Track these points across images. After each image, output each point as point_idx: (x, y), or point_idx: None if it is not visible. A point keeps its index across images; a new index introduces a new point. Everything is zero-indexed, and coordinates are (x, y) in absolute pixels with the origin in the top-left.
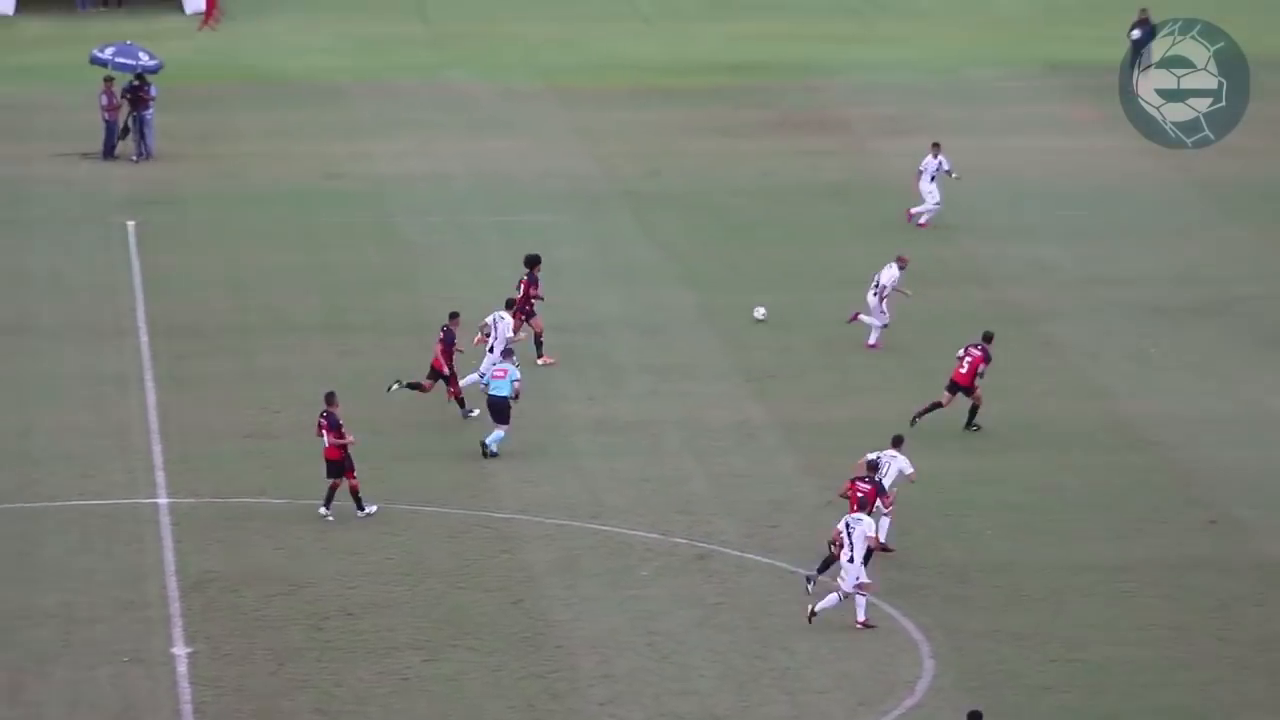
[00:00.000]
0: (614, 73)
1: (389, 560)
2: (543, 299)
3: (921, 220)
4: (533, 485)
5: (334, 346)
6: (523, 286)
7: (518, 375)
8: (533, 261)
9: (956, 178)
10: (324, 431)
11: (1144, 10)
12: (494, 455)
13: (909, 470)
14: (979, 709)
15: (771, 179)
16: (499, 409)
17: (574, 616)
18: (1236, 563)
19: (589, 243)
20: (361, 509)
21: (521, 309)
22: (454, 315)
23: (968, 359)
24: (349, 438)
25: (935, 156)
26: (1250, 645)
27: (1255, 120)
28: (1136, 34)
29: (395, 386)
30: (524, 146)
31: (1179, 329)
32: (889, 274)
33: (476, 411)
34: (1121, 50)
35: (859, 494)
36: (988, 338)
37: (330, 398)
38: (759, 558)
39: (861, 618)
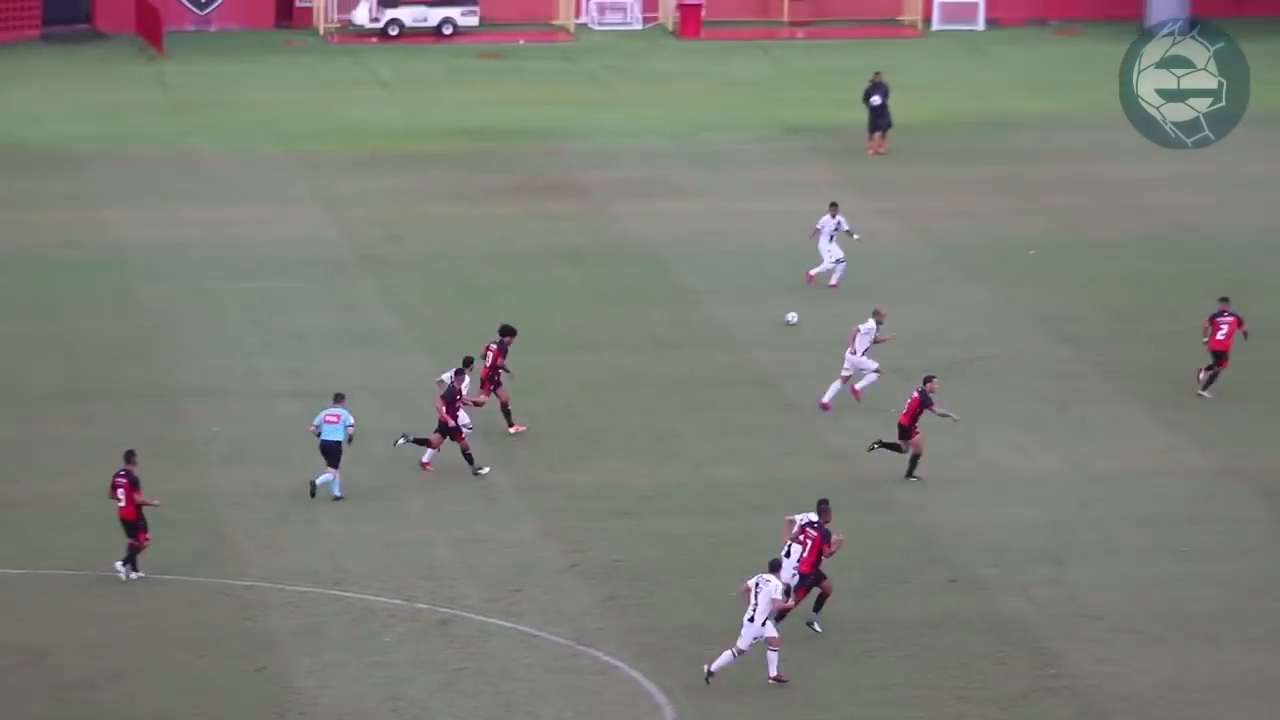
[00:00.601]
0: (354, 139)
1: (131, 630)
2: (509, 371)
3: (831, 281)
4: (275, 552)
5: (71, 416)
6: (492, 355)
7: (351, 420)
8: (506, 331)
9: (857, 238)
10: (121, 491)
11: (877, 73)
12: (320, 495)
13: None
14: None
15: (510, 243)
16: (331, 453)
17: (318, 684)
18: (977, 621)
19: (330, 309)
20: (136, 570)
21: (490, 378)
22: (459, 372)
23: (907, 402)
24: (149, 500)
25: (833, 216)
26: (992, 703)
27: (994, 181)
28: (876, 99)
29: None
30: (265, 213)
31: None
32: (867, 329)
33: (487, 469)
34: (857, 113)
35: (806, 539)
36: (927, 380)
37: (129, 456)
38: (502, 622)
39: (774, 672)
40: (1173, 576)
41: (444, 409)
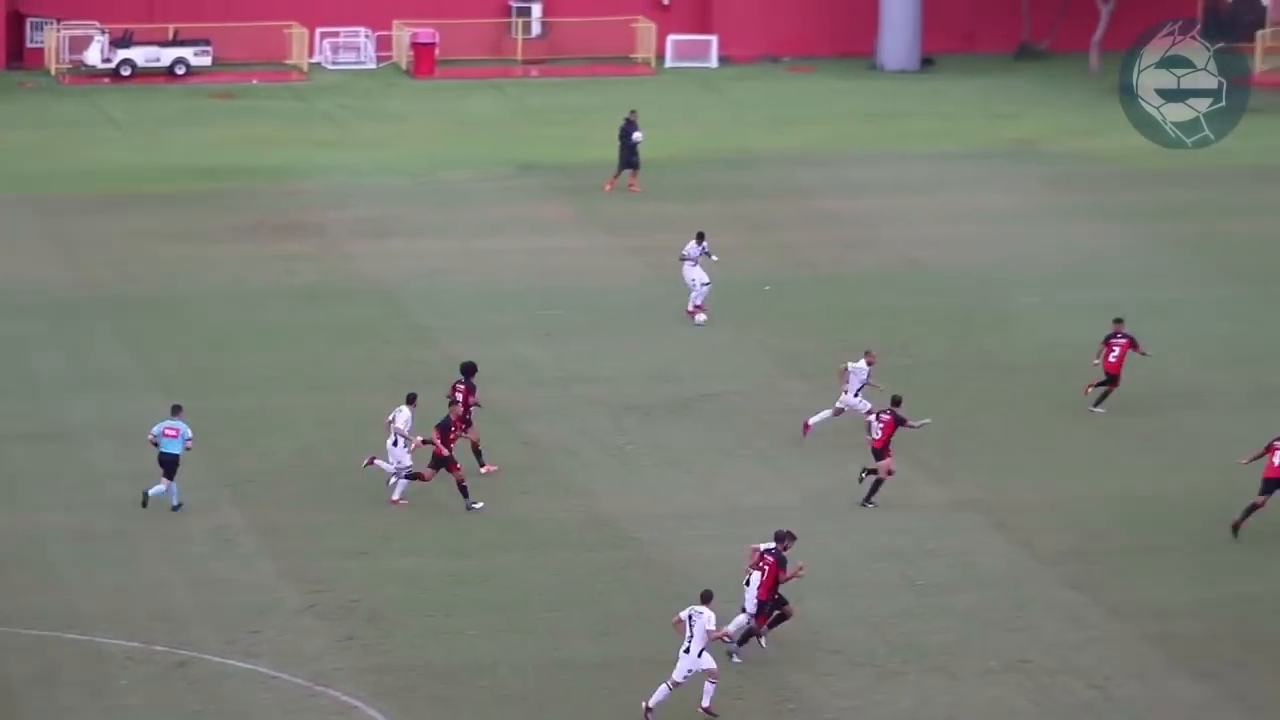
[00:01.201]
0: (87, 179)
1: None
2: (480, 406)
3: (698, 302)
4: (7, 596)
5: None
6: (463, 395)
7: (189, 434)
8: (471, 370)
9: (715, 260)
10: None
11: (633, 111)
12: (153, 503)
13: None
14: None
15: (246, 283)
16: (168, 464)
17: None
18: (715, 658)
19: (63, 351)
20: None
21: (462, 418)
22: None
23: (879, 424)
24: None
25: (700, 243)
26: None
27: (728, 217)
28: (639, 135)
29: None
30: None
31: (655, 426)
32: (856, 368)
33: (480, 504)
34: (592, 151)
35: (764, 565)
36: (896, 401)
37: None
38: (240, 663)
39: (706, 703)
40: (910, 610)
41: (438, 440)
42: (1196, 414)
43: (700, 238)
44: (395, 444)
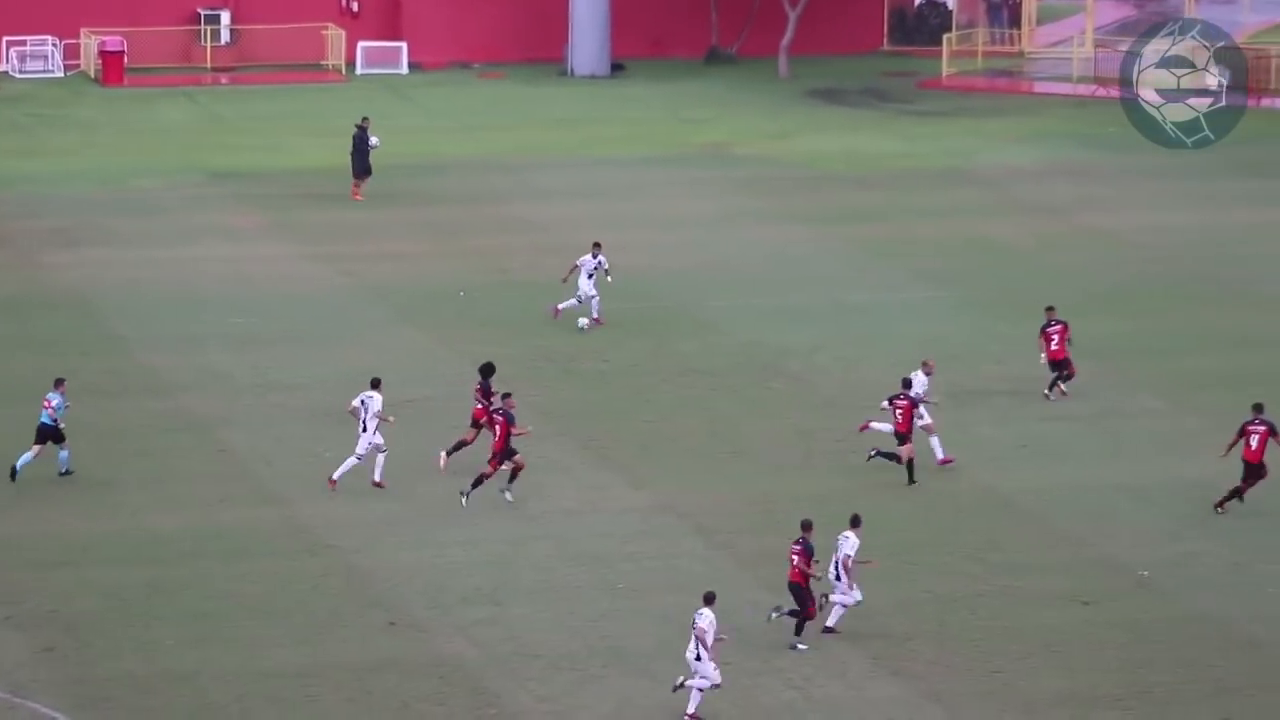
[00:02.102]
0: None
1: None
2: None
3: (594, 315)
4: None
5: None
6: (479, 394)
7: (60, 403)
8: (487, 371)
9: (610, 280)
10: None
11: (365, 118)
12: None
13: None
14: None
15: None
16: (46, 433)
17: None
18: (417, 663)
19: None
20: None
21: (490, 416)
22: (507, 395)
23: (897, 410)
24: None
25: (595, 256)
26: None
27: (422, 224)
28: (375, 141)
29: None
30: None
31: (353, 433)
32: (919, 381)
33: (509, 495)
34: (283, 158)
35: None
36: (907, 384)
37: None
38: None
39: (691, 709)
40: (610, 613)
41: (500, 431)
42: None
43: (596, 248)
44: (364, 429)
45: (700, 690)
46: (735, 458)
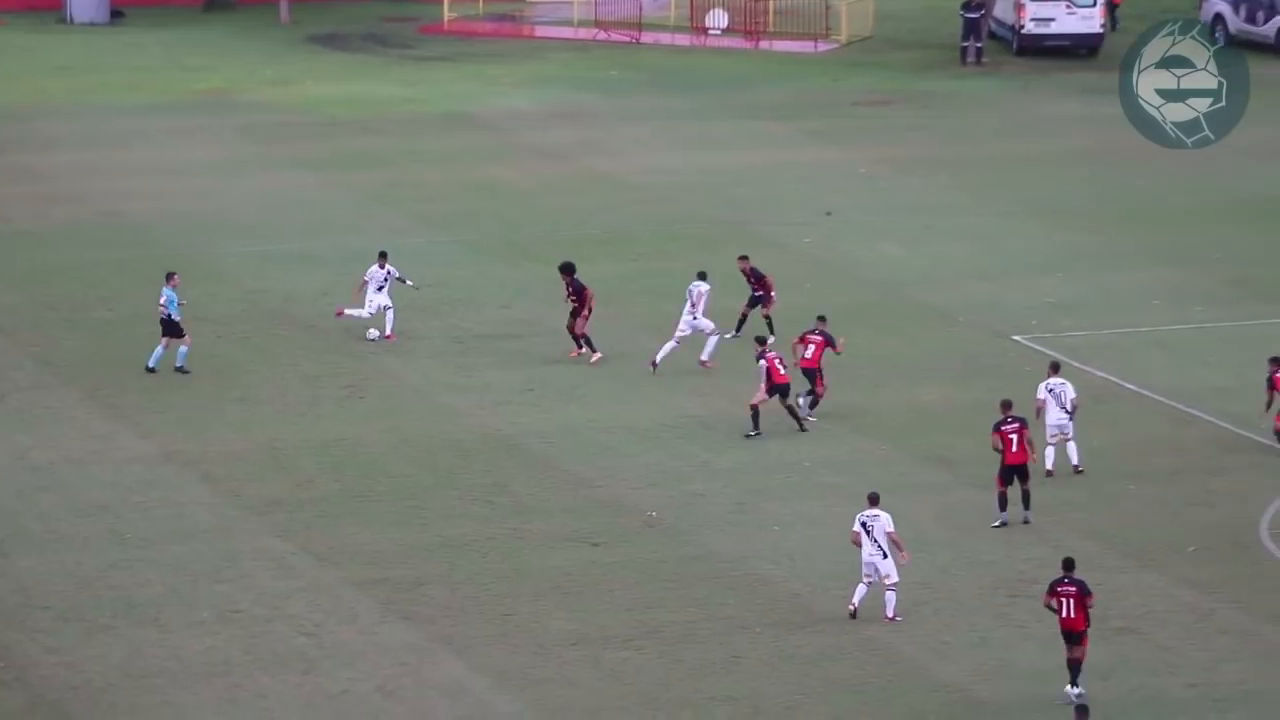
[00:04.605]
0: None
1: None
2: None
3: (387, 332)
4: None
5: None
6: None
7: (171, 298)
8: (568, 269)
9: (411, 284)
10: None
11: None
12: None
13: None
14: None
15: None
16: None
17: None
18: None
19: None
20: None
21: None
22: (822, 318)
23: (810, 347)
24: None
25: (383, 267)
26: None
27: None
28: None
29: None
30: None
31: None
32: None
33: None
34: None
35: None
36: (822, 319)
37: None
38: None
39: (890, 612)
40: (118, 563)
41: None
42: (398, 360)
43: (383, 259)
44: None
45: (895, 589)
46: (242, 405)
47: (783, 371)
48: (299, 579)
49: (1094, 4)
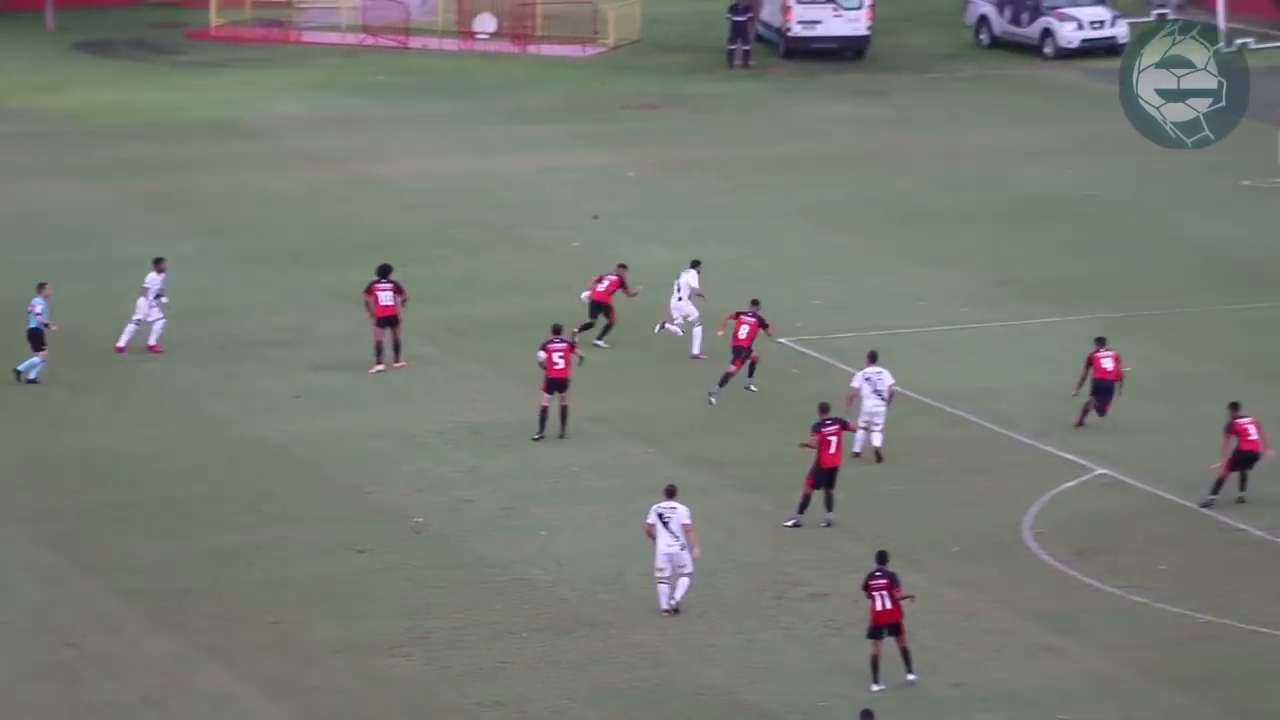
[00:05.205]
0: None
1: None
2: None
3: (151, 341)
4: None
5: None
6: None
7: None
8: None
9: (165, 300)
10: None
11: None
12: None
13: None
14: None
15: None
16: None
17: None
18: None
19: None
20: None
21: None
22: (755, 301)
23: (745, 327)
24: None
25: (160, 273)
26: None
27: None
28: None
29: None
30: None
31: None
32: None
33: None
34: None
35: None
36: (755, 302)
37: None
38: None
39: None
40: None
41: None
42: (161, 367)
43: (158, 264)
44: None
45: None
46: (4, 415)
47: (558, 367)
48: (63, 589)
49: (860, 6)
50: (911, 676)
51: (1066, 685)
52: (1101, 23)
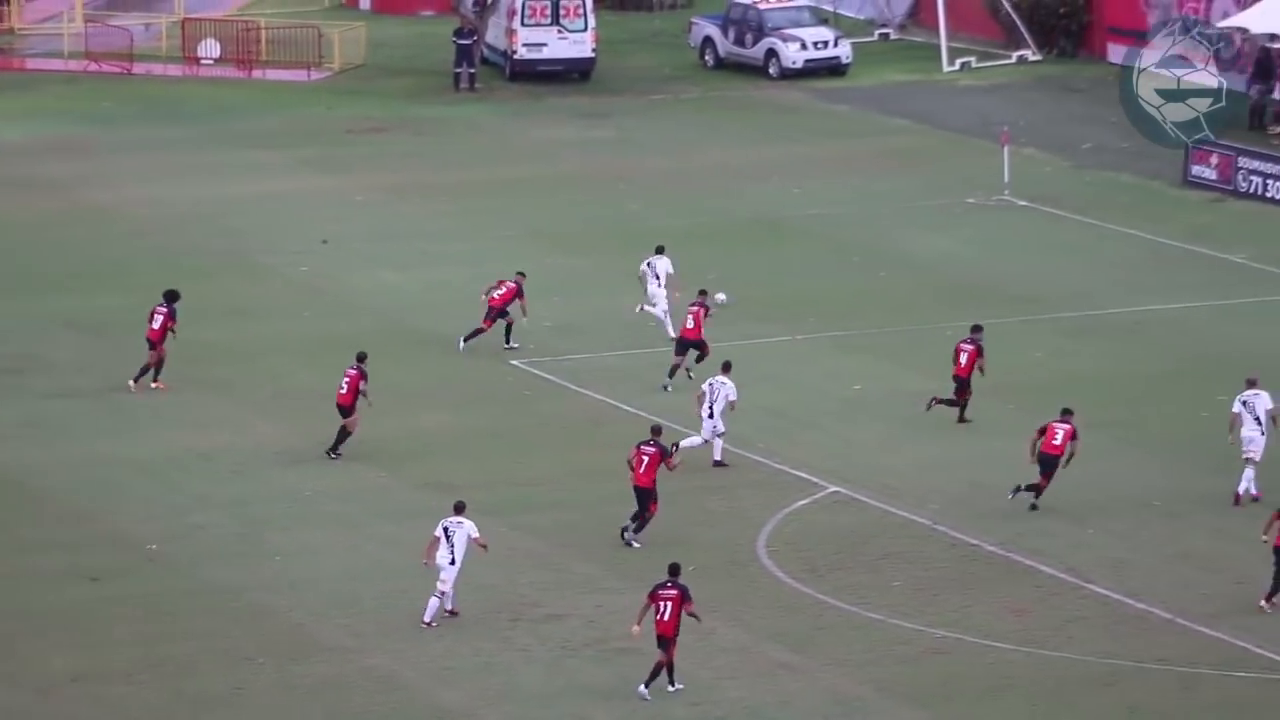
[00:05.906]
0: None
1: None
2: None
3: None
4: None
5: None
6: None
7: None
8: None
9: None
10: None
11: None
12: None
13: None
14: None
15: None
16: None
17: None
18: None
19: None
20: None
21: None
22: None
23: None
24: None
25: None
26: None
27: None
28: None
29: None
30: None
31: None
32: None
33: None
34: None
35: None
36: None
37: None
38: None
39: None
40: None
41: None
42: None
43: None
44: None
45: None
46: None
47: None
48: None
49: (585, 29)
50: (672, 688)
51: (804, 702)
52: (825, 43)
